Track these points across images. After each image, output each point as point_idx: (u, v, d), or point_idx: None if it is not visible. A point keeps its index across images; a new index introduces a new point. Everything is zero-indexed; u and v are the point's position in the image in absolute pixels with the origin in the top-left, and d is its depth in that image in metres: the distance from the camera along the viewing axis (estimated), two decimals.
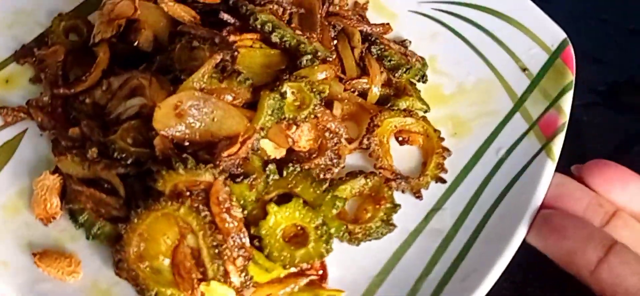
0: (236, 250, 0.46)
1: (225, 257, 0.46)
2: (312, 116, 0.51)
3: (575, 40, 0.61)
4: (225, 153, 0.47)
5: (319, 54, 0.53)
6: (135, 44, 0.55)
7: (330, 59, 0.54)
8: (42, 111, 0.54)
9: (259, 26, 0.52)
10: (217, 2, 0.56)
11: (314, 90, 0.51)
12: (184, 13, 0.55)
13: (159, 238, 0.46)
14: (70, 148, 0.51)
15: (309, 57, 0.52)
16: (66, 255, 0.48)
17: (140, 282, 0.46)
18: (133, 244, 0.46)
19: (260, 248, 0.48)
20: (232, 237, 0.46)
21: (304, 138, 0.51)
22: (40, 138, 0.54)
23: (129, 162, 0.48)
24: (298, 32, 0.54)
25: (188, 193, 0.46)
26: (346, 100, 0.55)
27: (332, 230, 0.48)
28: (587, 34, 0.79)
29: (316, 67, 0.52)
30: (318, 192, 0.49)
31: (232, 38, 0.52)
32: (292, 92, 0.50)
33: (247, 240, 0.47)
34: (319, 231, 0.48)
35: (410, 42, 0.60)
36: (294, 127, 0.51)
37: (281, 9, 0.56)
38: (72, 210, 0.49)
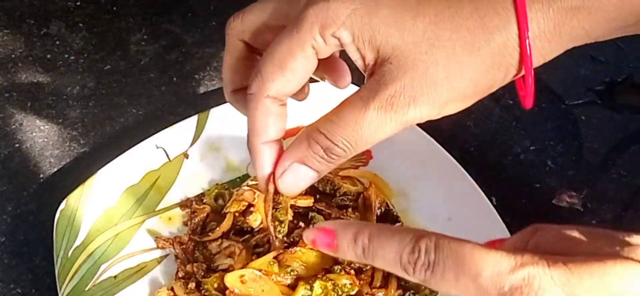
0: None
1: None
2: None
3: None
4: None
5: (352, 264, 0.78)
6: (247, 220, 0.84)
7: (365, 269, 0.79)
8: (180, 246, 0.84)
9: None
10: (311, 205, 0.84)
11: (336, 290, 0.76)
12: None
13: None
14: (183, 277, 0.80)
15: (340, 267, 0.77)
16: None
17: None
18: None
19: None
20: None
21: None
22: (173, 264, 0.84)
23: None
24: None
25: None
26: None
27: None
28: None
29: (341, 274, 0.77)
30: None
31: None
32: (320, 287, 0.76)
33: None
34: None
35: None
36: None
37: None
38: None
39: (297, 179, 0.51)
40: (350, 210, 0.83)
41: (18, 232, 0.86)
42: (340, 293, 0.76)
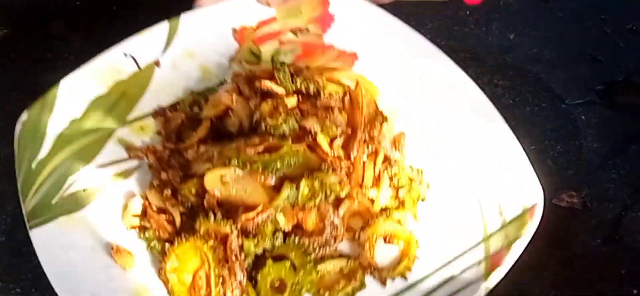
0: (235, 282, 0.67)
1: (227, 286, 0.67)
2: (316, 208, 0.70)
3: (574, 39, 0.63)
4: (243, 217, 0.68)
5: (340, 165, 0.72)
6: (226, 124, 0.78)
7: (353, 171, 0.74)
8: (154, 155, 0.78)
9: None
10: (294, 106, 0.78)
11: (323, 189, 0.70)
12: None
13: (187, 260, 0.67)
14: (158, 185, 0.74)
15: (327, 165, 0.71)
16: (129, 251, 0.71)
17: (169, 288, 0.68)
18: (171, 260, 0.68)
19: (254, 287, 0.68)
20: (234, 273, 0.67)
21: (309, 221, 0.70)
22: (147, 174, 0.77)
23: (186, 206, 0.71)
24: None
25: (214, 236, 0.68)
26: (357, 202, 0.74)
27: (303, 288, 0.68)
28: (585, 33, 0.83)
29: (329, 173, 0.71)
30: (305, 260, 0.69)
31: None
32: (307, 186, 0.70)
33: (244, 279, 0.67)
34: (294, 287, 0.67)
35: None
36: (301, 212, 0.70)
37: (335, 127, 0.76)
38: (142, 226, 0.72)
39: None
40: (336, 110, 0.77)
41: (18, 232, 0.80)
42: (328, 193, 0.70)
